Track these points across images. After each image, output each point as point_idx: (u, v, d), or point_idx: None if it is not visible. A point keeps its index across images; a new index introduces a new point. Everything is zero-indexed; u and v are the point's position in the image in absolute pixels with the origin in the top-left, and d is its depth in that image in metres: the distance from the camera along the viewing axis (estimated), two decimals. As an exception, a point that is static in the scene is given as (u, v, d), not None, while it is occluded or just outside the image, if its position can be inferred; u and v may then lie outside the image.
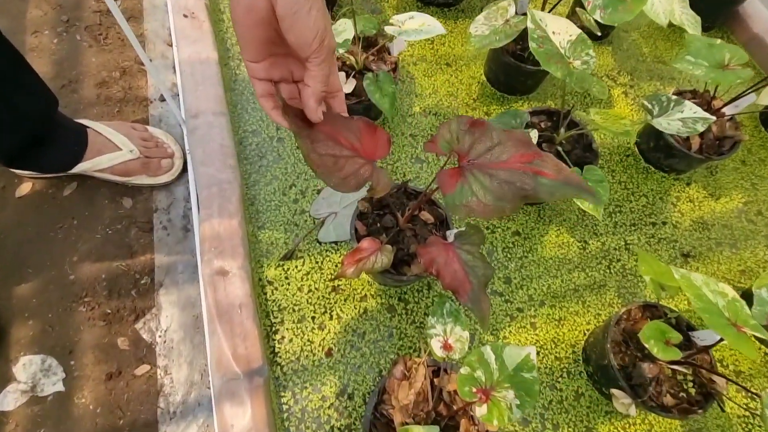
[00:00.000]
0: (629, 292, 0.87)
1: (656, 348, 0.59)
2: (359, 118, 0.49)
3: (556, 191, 0.46)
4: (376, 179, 0.50)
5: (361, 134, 0.49)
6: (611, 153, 1.02)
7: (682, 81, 1.13)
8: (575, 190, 0.47)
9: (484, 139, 0.50)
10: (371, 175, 0.49)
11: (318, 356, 0.77)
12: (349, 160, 0.48)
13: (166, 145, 0.91)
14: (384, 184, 0.51)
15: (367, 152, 0.50)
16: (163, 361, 0.77)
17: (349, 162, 0.48)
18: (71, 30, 1.05)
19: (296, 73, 0.46)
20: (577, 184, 0.47)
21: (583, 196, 0.47)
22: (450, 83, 1.06)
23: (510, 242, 0.89)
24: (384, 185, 0.51)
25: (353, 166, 0.48)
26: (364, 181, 0.49)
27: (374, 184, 0.50)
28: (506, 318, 0.83)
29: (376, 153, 0.51)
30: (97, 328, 0.77)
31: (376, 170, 0.50)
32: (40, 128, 0.76)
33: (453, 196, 0.48)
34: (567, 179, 0.47)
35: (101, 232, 0.85)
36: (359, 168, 0.48)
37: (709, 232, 0.95)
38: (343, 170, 0.47)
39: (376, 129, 0.50)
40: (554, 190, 0.46)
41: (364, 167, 0.49)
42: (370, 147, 0.50)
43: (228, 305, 0.75)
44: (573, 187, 0.47)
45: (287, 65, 0.45)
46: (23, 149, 0.76)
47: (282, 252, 0.84)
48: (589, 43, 0.72)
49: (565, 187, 0.47)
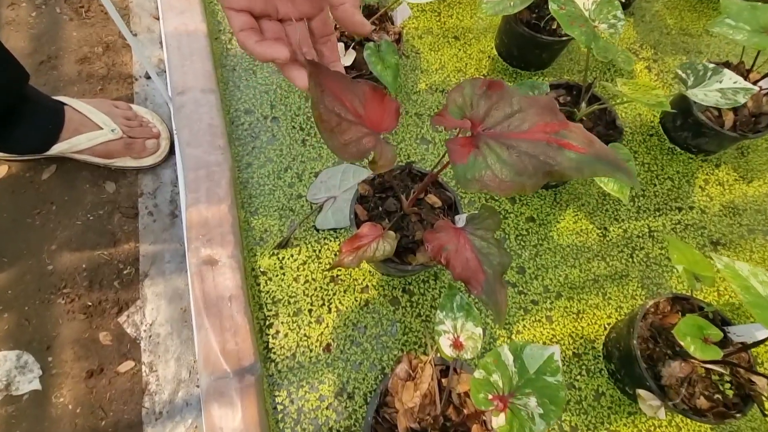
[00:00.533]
0: (654, 283, 0.80)
1: (693, 346, 0.53)
2: (365, 81, 0.42)
3: (586, 167, 0.39)
4: (378, 152, 0.43)
5: (366, 101, 0.42)
6: (633, 132, 0.94)
7: (710, 54, 1.04)
8: (609, 166, 0.39)
9: (503, 104, 0.43)
10: (374, 146, 0.42)
11: (315, 352, 0.71)
12: (353, 126, 0.41)
13: (152, 125, 0.85)
14: (387, 159, 0.44)
15: (371, 122, 0.43)
16: (149, 357, 0.71)
17: (352, 128, 0.41)
18: (51, 2, 0.98)
19: (282, 8, 0.38)
20: (611, 159, 0.40)
21: (617, 175, 0.39)
22: (458, 58, 0.98)
23: (524, 229, 0.82)
24: (387, 160, 0.44)
25: (356, 133, 0.41)
26: (366, 151, 0.42)
27: (377, 157, 0.43)
28: (520, 311, 0.76)
29: (381, 124, 0.43)
30: (77, 321, 0.72)
31: (380, 143, 0.43)
32: (5, 103, 0.69)
33: (464, 168, 0.41)
34: (599, 153, 0.40)
35: (82, 219, 0.79)
36: (362, 137, 0.42)
37: (740, 218, 0.87)
38: (345, 134, 0.41)
39: (384, 96, 0.43)
40: (583, 165, 0.39)
41: (368, 138, 0.42)
42: (375, 117, 0.43)
43: (217, 297, 0.69)
44: (606, 163, 0.39)
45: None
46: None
47: (277, 240, 0.78)
48: (616, 4, 0.64)
49: (596, 162, 0.39)
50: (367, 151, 0.42)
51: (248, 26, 0.37)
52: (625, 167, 0.40)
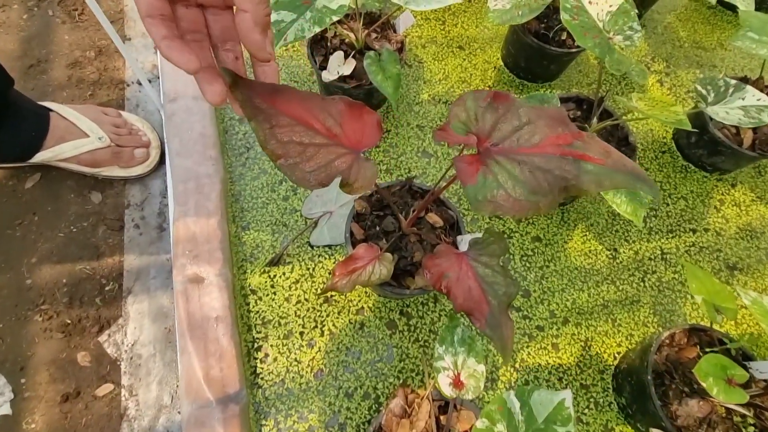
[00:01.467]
0: (667, 310, 0.75)
1: (716, 388, 0.48)
2: (340, 97, 0.38)
3: (606, 179, 0.36)
4: (355, 172, 0.38)
5: (343, 117, 0.38)
6: (644, 149, 0.90)
7: (725, 68, 1.00)
8: (630, 177, 0.36)
9: (510, 117, 0.39)
10: (349, 167, 0.38)
11: (306, 378, 0.67)
12: (323, 149, 0.37)
13: (141, 133, 0.81)
14: (365, 180, 0.39)
15: (350, 140, 0.39)
16: (129, 379, 0.67)
17: (323, 151, 0.37)
18: (43, 4, 0.95)
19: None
20: (632, 169, 0.36)
21: (639, 185, 0.36)
22: (462, 68, 0.95)
23: (529, 249, 0.78)
24: (365, 180, 0.39)
25: (326, 156, 0.37)
26: (336, 174, 0.37)
27: (351, 178, 0.38)
28: (524, 337, 0.71)
29: (362, 141, 0.39)
30: (54, 340, 0.68)
31: (358, 162, 0.39)
32: None
33: (475, 189, 0.37)
34: (618, 164, 0.36)
35: (65, 231, 0.75)
36: (335, 159, 0.38)
37: (758, 242, 0.82)
38: (311, 161, 0.36)
39: (362, 111, 0.39)
40: (603, 177, 0.36)
41: (343, 158, 0.38)
42: (354, 133, 0.39)
43: (202, 318, 0.64)
44: (627, 174, 0.36)
45: None
46: None
47: (268, 256, 0.74)
48: (633, 15, 0.61)
49: (616, 174, 0.36)
50: (338, 174, 0.38)
51: (157, 12, 0.29)
52: (646, 178, 0.36)
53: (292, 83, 0.89)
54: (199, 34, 0.33)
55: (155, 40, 0.30)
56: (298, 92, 0.36)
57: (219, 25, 0.33)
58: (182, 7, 0.31)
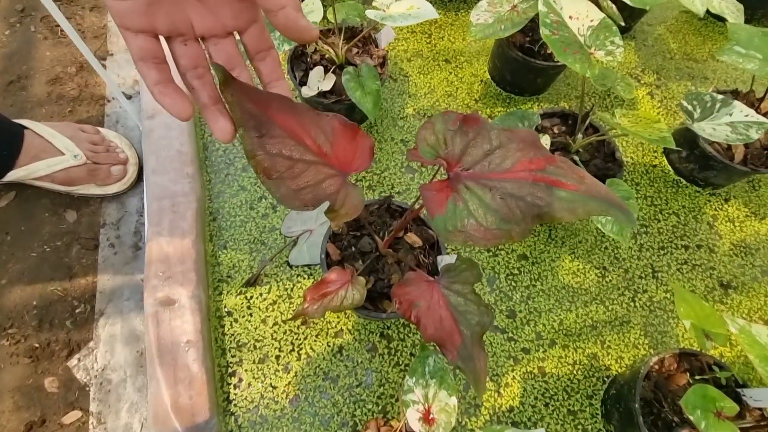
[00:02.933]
0: (658, 331, 0.73)
1: (705, 422, 0.45)
2: (335, 115, 0.36)
3: (579, 207, 0.34)
4: (342, 197, 0.36)
5: (335, 137, 0.36)
6: (635, 162, 0.88)
7: (716, 80, 0.99)
8: (604, 204, 0.34)
9: (480, 140, 0.37)
10: (337, 191, 0.36)
11: (281, 404, 0.64)
12: (312, 167, 0.35)
13: (119, 150, 0.80)
14: (352, 207, 0.36)
15: (339, 161, 0.36)
16: (98, 406, 0.65)
17: (311, 170, 0.35)
18: (26, 20, 0.94)
19: (198, 21, 0.29)
20: (606, 196, 0.34)
21: (613, 213, 0.34)
22: (449, 82, 0.93)
23: (515, 268, 0.76)
24: (353, 206, 0.36)
25: (315, 175, 0.35)
26: (326, 198, 0.35)
27: (338, 204, 0.36)
28: (509, 361, 0.69)
29: (352, 164, 0.37)
30: (20, 366, 0.65)
31: (346, 186, 0.36)
32: None
33: (444, 219, 0.35)
34: (592, 191, 0.34)
35: (38, 251, 0.73)
36: (323, 180, 0.35)
37: (752, 258, 0.80)
38: (298, 179, 0.34)
39: (356, 132, 0.37)
40: (576, 205, 0.34)
41: (331, 180, 0.35)
42: (344, 155, 0.37)
43: (172, 343, 0.62)
44: (601, 201, 0.34)
45: (181, 7, 0.28)
46: None
47: (245, 276, 0.72)
48: (614, 30, 0.59)
49: (590, 201, 0.34)
50: (327, 198, 0.35)
51: (150, 56, 0.28)
52: (622, 205, 0.34)
53: (274, 98, 0.88)
54: (201, 68, 0.31)
55: (148, 85, 0.29)
56: (292, 103, 0.33)
57: (223, 54, 0.31)
58: (180, 45, 0.30)
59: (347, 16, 0.75)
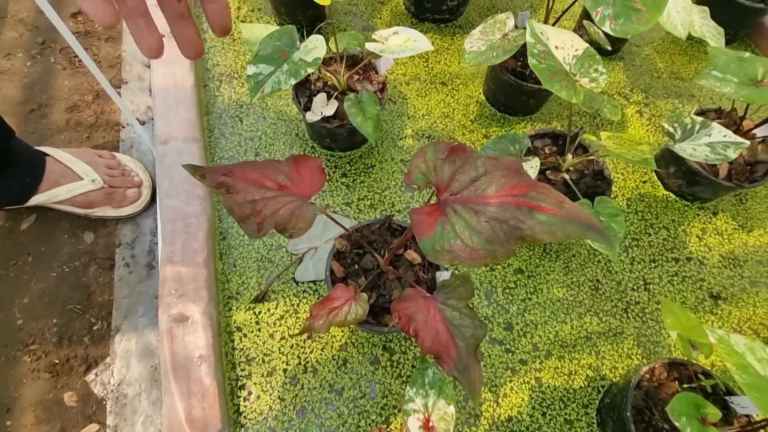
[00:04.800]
0: (650, 341, 0.75)
1: (690, 427, 0.48)
2: (292, 155, 0.47)
3: (558, 230, 0.37)
4: (296, 217, 0.44)
5: (292, 173, 0.46)
6: (625, 178, 0.91)
7: (703, 98, 1.03)
8: (582, 228, 0.37)
9: (467, 168, 0.41)
10: (291, 213, 0.44)
11: (288, 416, 0.67)
12: (271, 201, 0.44)
13: (134, 174, 0.84)
14: (305, 221, 0.44)
15: (299, 188, 0.46)
16: (114, 419, 0.68)
17: (270, 203, 0.44)
18: (46, 52, 1.00)
19: None
20: (584, 220, 0.38)
21: (592, 236, 0.37)
22: (445, 103, 0.98)
23: (511, 281, 0.79)
24: (305, 222, 0.44)
25: (274, 206, 0.44)
26: (278, 222, 0.43)
27: (291, 223, 0.44)
28: (507, 372, 0.72)
29: (311, 188, 0.46)
30: (41, 381, 0.69)
31: (300, 207, 0.45)
32: None
33: (432, 241, 0.39)
34: (571, 215, 0.38)
35: (57, 270, 0.77)
36: (280, 208, 0.44)
37: (741, 270, 0.83)
38: (259, 214, 0.43)
39: (308, 162, 0.47)
40: (556, 228, 0.37)
41: (287, 206, 0.44)
42: (302, 183, 0.46)
43: (186, 358, 0.65)
44: (579, 225, 0.37)
45: None
46: None
47: (254, 293, 0.75)
48: (597, 59, 0.63)
49: (568, 224, 0.37)
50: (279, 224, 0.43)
51: None
52: (600, 228, 0.37)
53: (279, 122, 0.92)
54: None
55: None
56: (255, 163, 0.44)
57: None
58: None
59: (348, 45, 0.80)
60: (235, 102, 0.94)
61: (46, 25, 1.04)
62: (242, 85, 0.97)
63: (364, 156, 0.90)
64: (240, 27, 1.02)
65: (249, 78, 0.59)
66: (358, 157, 0.89)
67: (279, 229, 0.44)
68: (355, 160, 0.89)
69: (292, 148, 0.90)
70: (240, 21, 1.05)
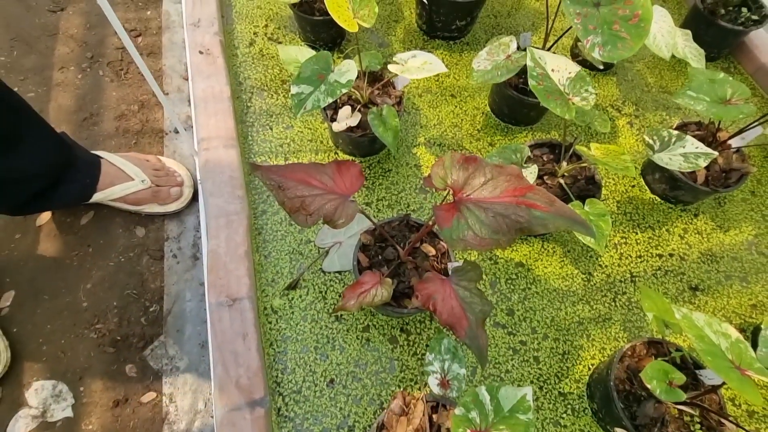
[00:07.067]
0: (635, 326, 0.86)
1: (659, 389, 0.58)
2: (335, 160, 0.57)
3: (549, 223, 0.48)
4: (339, 212, 0.55)
5: (334, 174, 0.56)
6: (616, 184, 1.02)
7: (688, 111, 1.13)
8: (568, 221, 0.48)
9: (478, 174, 0.52)
10: (335, 208, 0.55)
11: (320, 387, 0.78)
12: (317, 197, 0.54)
13: (177, 174, 0.95)
14: (348, 216, 0.55)
15: (340, 188, 0.56)
16: (169, 389, 0.78)
17: (318, 199, 0.54)
18: (95, 66, 1.11)
19: None
20: (570, 216, 0.48)
21: (576, 228, 0.48)
22: (455, 114, 1.08)
23: (513, 273, 0.89)
24: (348, 217, 0.55)
25: (320, 202, 0.54)
26: (326, 215, 0.54)
27: (336, 217, 0.55)
28: (509, 351, 0.82)
29: (351, 188, 0.57)
30: (106, 354, 0.80)
31: (343, 204, 0.55)
32: (55, 176, 0.79)
33: (450, 231, 0.50)
34: (560, 211, 0.48)
35: (115, 260, 0.88)
36: (325, 203, 0.54)
37: (717, 265, 0.93)
38: (309, 207, 0.54)
39: (349, 166, 0.57)
40: (547, 222, 0.48)
41: (332, 203, 0.55)
42: (342, 183, 0.57)
43: (233, 335, 0.76)
44: (565, 219, 0.48)
45: None
46: (30, 200, 0.79)
47: (287, 281, 0.86)
48: (588, 80, 0.74)
49: (557, 218, 0.48)
50: (326, 215, 0.54)
51: None
52: (583, 222, 0.48)
53: (306, 130, 1.03)
54: None
55: None
56: (303, 165, 0.54)
57: None
58: None
59: (370, 63, 0.91)
60: (265, 112, 1.05)
61: (94, 41, 1.15)
62: (271, 96, 1.07)
63: (382, 161, 1.00)
64: (277, 49, 1.13)
65: (293, 96, 0.70)
66: (376, 162, 1.00)
67: (326, 220, 0.55)
68: (373, 165, 1.00)
69: (317, 154, 1.00)
70: (268, 38, 1.16)
